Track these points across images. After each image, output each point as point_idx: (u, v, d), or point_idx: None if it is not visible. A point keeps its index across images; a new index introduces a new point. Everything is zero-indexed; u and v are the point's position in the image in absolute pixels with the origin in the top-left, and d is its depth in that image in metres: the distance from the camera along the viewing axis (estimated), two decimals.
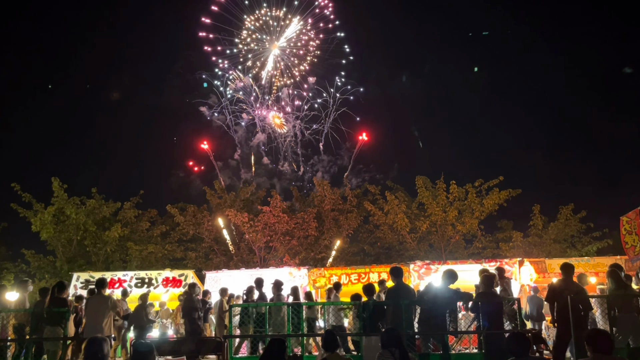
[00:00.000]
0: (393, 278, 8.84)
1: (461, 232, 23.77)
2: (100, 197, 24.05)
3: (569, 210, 23.32)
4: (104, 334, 9.18)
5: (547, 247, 22.86)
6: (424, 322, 8.37)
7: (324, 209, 25.25)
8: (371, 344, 8.18)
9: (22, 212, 22.55)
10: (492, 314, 8.02)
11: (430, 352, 8.24)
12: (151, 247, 23.97)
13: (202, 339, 11.45)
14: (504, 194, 23.39)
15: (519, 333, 5.37)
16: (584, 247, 22.76)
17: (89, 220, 22.91)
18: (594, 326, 8.52)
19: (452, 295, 8.53)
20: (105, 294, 9.97)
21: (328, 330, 6.33)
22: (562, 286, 8.27)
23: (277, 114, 39.52)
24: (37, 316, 9.28)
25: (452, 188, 23.80)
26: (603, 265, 16.42)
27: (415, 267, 17.27)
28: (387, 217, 24.08)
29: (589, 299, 8.21)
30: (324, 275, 17.72)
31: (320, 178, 27.19)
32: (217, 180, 28.61)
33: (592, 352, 4.50)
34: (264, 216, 23.70)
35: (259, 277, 12.15)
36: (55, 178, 22.72)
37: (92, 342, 4.91)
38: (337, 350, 6.20)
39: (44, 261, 23.16)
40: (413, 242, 24.25)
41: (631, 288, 9.05)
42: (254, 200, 26.91)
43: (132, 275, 18.15)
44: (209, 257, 25.53)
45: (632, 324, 7.87)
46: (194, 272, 18.70)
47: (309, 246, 24.57)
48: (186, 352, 10.49)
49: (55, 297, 9.52)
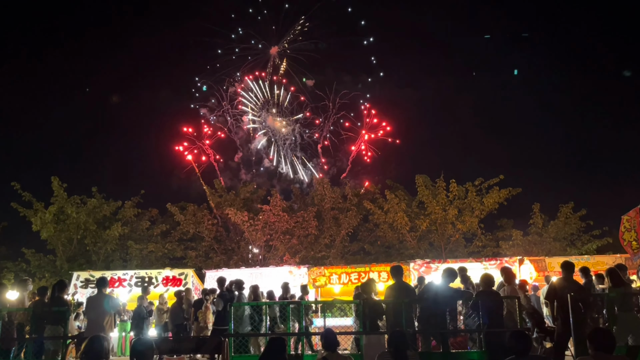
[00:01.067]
0: (393, 277, 8.84)
1: (461, 231, 23.77)
2: (101, 196, 24.06)
3: (569, 208, 23.33)
4: (106, 333, 9.17)
5: (547, 246, 22.87)
6: (424, 321, 8.38)
7: (324, 208, 25.26)
8: (371, 342, 8.19)
9: (22, 211, 22.55)
10: (492, 312, 8.02)
11: (431, 351, 8.26)
12: (151, 246, 23.98)
13: (202, 338, 11.45)
14: (504, 193, 23.39)
15: (520, 331, 5.36)
16: (583, 245, 22.77)
17: (89, 219, 22.90)
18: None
19: (453, 293, 8.54)
20: (106, 293, 9.96)
21: (328, 329, 6.32)
22: (562, 285, 8.27)
23: (277, 119, 39.42)
24: (37, 315, 9.26)
25: (452, 187, 23.80)
26: (603, 264, 16.46)
27: (416, 265, 17.30)
28: (387, 216, 24.07)
29: (589, 297, 8.22)
30: (323, 274, 17.73)
31: (321, 179, 27.11)
32: (217, 180, 28.65)
33: (593, 351, 4.49)
34: (264, 215, 23.70)
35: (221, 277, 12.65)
36: (55, 177, 22.73)
37: (93, 340, 4.91)
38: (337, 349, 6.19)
39: (44, 260, 23.17)
40: (413, 240, 24.25)
41: (630, 287, 9.06)
42: (253, 200, 26.91)
43: (132, 274, 18.16)
44: (209, 256, 25.54)
45: (631, 322, 7.88)
46: (194, 271, 18.71)
47: (309, 245, 24.57)
48: (186, 351, 10.50)
49: (56, 296, 9.51)
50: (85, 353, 4.93)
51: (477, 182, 23.84)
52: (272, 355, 5.34)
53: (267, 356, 5.36)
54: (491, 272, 10.51)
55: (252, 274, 17.95)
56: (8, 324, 9.21)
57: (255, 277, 17.44)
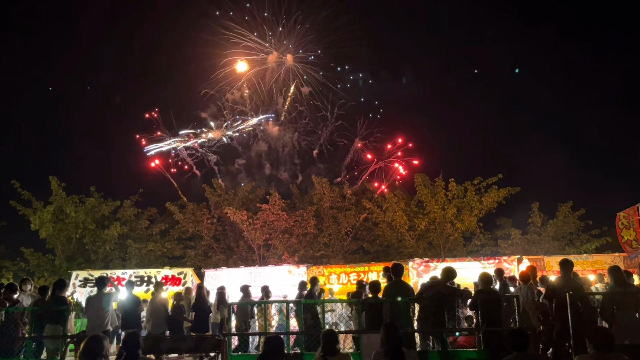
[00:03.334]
0: (393, 275, 8.84)
1: (460, 230, 23.78)
2: (99, 195, 24.05)
3: (567, 207, 23.34)
4: (105, 330, 9.18)
5: (545, 245, 22.89)
6: (423, 320, 8.38)
7: (322, 207, 25.26)
8: (370, 341, 8.18)
9: (21, 210, 22.53)
10: (490, 310, 8.03)
11: (430, 350, 8.26)
12: (150, 245, 23.97)
13: (201, 337, 11.44)
14: (502, 192, 23.40)
15: (519, 329, 5.37)
16: (582, 244, 22.79)
17: (88, 218, 22.90)
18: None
19: (451, 292, 8.54)
20: (106, 292, 9.96)
21: (329, 330, 6.30)
22: (561, 283, 8.28)
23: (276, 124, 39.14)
24: (37, 314, 9.25)
25: (451, 186, 23.82)
26: (602, 263, 16.49)
27: (414, 264, 17.32)
28: (386, 215, 24.09)
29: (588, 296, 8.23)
30: (323, 273, 17.74)
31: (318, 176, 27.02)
32: (215, 179, 28.61)
33: (593, 350, 4.50)
34: (263, 214, 23.70)
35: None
36: (53, 177, 22.71)
37: (92, 339, 4.92)
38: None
39: (43, 259, 23.16)
40: (412, 239, 24.26)
41: (632, 285, 9.05)
42: (252, 199, 26.91)
43: (132, 273, 18.17)
44: (208, 255, 25.54)
45: (630, 321, 7.88)
46: (193, 270, 18.71)
47: (308, 244, 24.58)
48: (185, 350, 10.49)
49: (56, 295, 9.51)
50: (83, 352, 4.93)
51: (475, 181, 23.86)
52: (271, 354, 5.34)
53: (266, 355, 5.36)
54: (490, 271, 10.51)
55: (251, 273, 17.97)
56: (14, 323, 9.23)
57: (254, 276, 17.46)
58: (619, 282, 8.22)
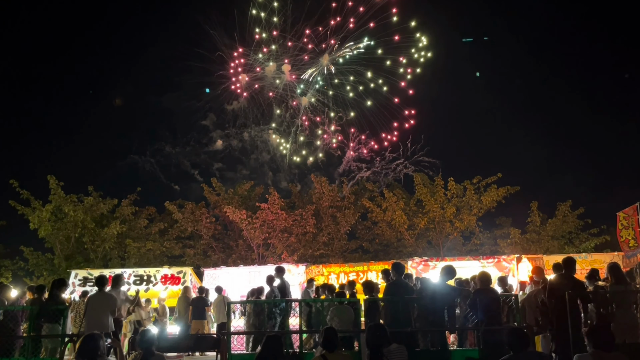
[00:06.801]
0: (394, 274, 8.83)
1: (459, 229, 23.79)
2: (98, 194, 24.02)
3: (567, 206, 23.34)
4: (107, 331, 9.16)
5: (545, 244, 22.89)
6: (422, 319, 8.37)
7: (322, 206, 25.25)
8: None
9: (20, 210, 22.49)
10: (489, 309, 8.02)
11: (429, 349, 8.25)
12: (149, 244, 23.93)
13: (201, 336, 11.44)
14: (502, 191, 23.41)
15: (518, 328, 5.36)
16: (581, 243, 22.80)
17: (87, 217, 22.87)
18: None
19: (451, 291, 8.53)
20: (106, 292, 9.95)
21: (329, 328, 6.28)
22: (561, 282, 8.26)
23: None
24: (35, 313, 9.24)
25: (450, 185, 23.83)
26: (601, 262, 16.48)
27: (414, 263, 17.32)
28: (385, 214, 24.09)
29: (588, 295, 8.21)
30: (322, 272, 17.73)
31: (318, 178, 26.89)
32: (214, 178, 28.55)
33: (592, 348, 4.49)
34: (262, 213, 23.69)
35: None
36: (51, 176, 22.66)
37: (88, 338, 4.90)
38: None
39: (42, 258, 23.12)
40: (411, 238, 24.27)
41: (631, 284, 9.05)
42: (251, 198, 26.89)
43: (131, 272, 18.14)
44: (208, 254, 25.52)
45: (629, 320, 7.88)
46: (193, 269, 18.69)
47: (307, 243, 24.57)
48: (185, 349, 10.48)
49: (55, 294, 9.50)
50: (79, 352, 4.92)
51: (475, 180, 23.87)
52: (269, 353, 5.33)
53: (265, 353, 5.35)
54: (489, 270, 10.52)
55: (251, 272, 17.95)
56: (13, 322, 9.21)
57: (253, 275, 17.44)
58: (620, 280, 8.22)
